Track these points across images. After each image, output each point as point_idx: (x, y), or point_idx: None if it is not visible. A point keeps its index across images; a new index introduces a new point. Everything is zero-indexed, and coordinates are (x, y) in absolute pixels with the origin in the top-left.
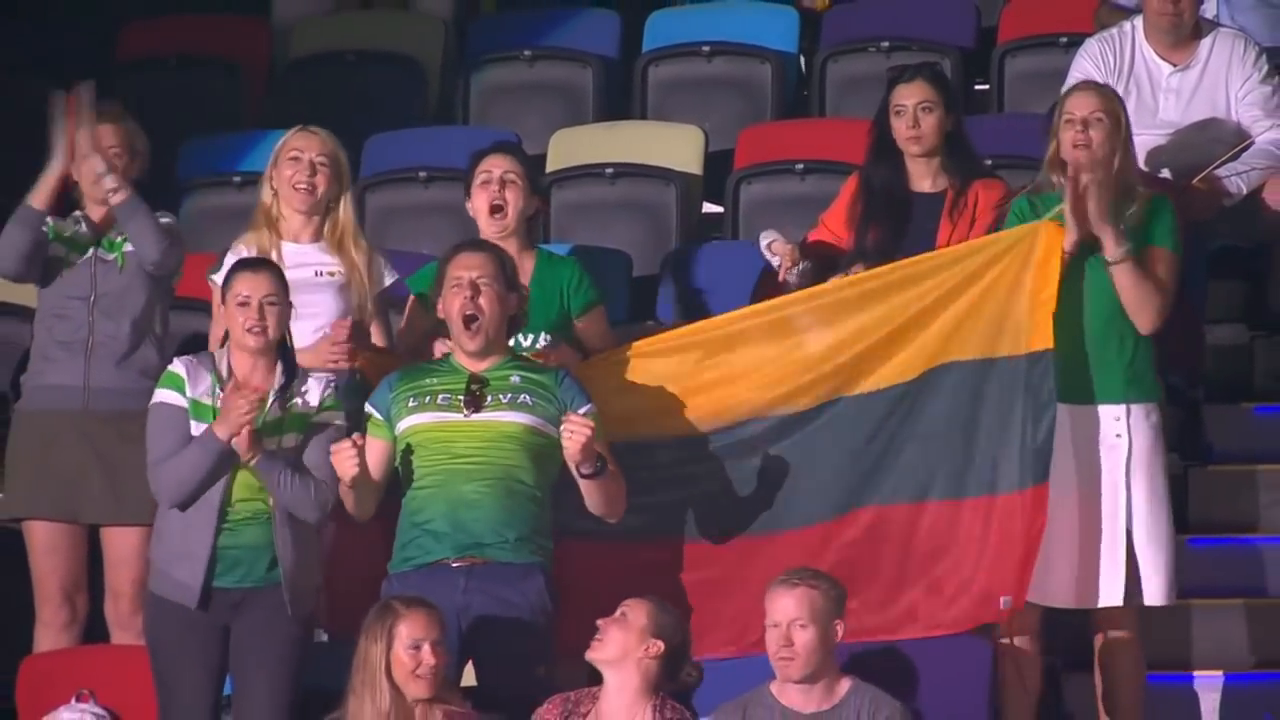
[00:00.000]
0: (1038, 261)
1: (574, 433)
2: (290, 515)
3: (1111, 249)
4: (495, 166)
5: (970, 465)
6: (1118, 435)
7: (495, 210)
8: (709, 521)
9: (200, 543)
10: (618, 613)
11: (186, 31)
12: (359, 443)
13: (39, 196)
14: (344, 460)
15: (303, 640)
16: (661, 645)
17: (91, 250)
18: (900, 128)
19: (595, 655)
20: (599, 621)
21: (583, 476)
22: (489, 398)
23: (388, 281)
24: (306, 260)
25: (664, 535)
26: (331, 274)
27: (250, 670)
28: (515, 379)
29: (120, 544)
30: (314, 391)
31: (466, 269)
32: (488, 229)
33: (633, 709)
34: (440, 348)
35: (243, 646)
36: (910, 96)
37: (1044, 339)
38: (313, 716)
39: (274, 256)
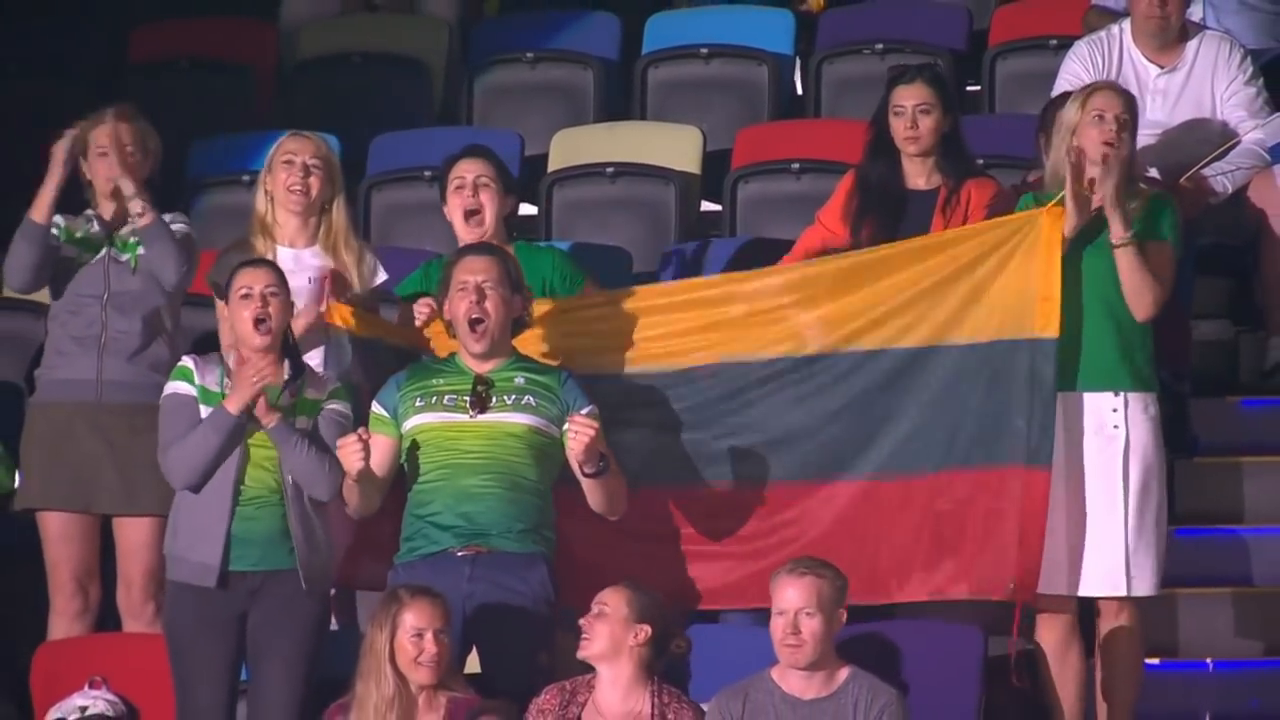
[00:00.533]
0: (1042, 247)
1: (579, 433)
2: (302, 495)
3: (1118, 231)
4: (468, 171)
5: (965, 439)
6: (1115, 426)
7: (471, 215)
8: (702, 468)
9: (216, 523)
10: (594, 609)
11: (196, 34)
12: (364, 437)
13: (39, 210)
14: (350, 454)
15: (320, 619)
16: (649, 629)
17: (105, 249)
18: (899, 128)
19: (586, 653)
20: (580, 621)
21: (586, 476)
22: (494, 399)
23: (379, 279)
24: (301, 266)
25: (674, 483)
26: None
27: (267, 660)
28: (520, 380)
29: (131, 534)
30: (321, 381)
31: (472, 273)
32: (465, 235)
33: (629, 697)
34: (420, 308)
35: (260, 636)
36: (910, 98)
37: (1047, 326)
38: (322, 702)
39: None
